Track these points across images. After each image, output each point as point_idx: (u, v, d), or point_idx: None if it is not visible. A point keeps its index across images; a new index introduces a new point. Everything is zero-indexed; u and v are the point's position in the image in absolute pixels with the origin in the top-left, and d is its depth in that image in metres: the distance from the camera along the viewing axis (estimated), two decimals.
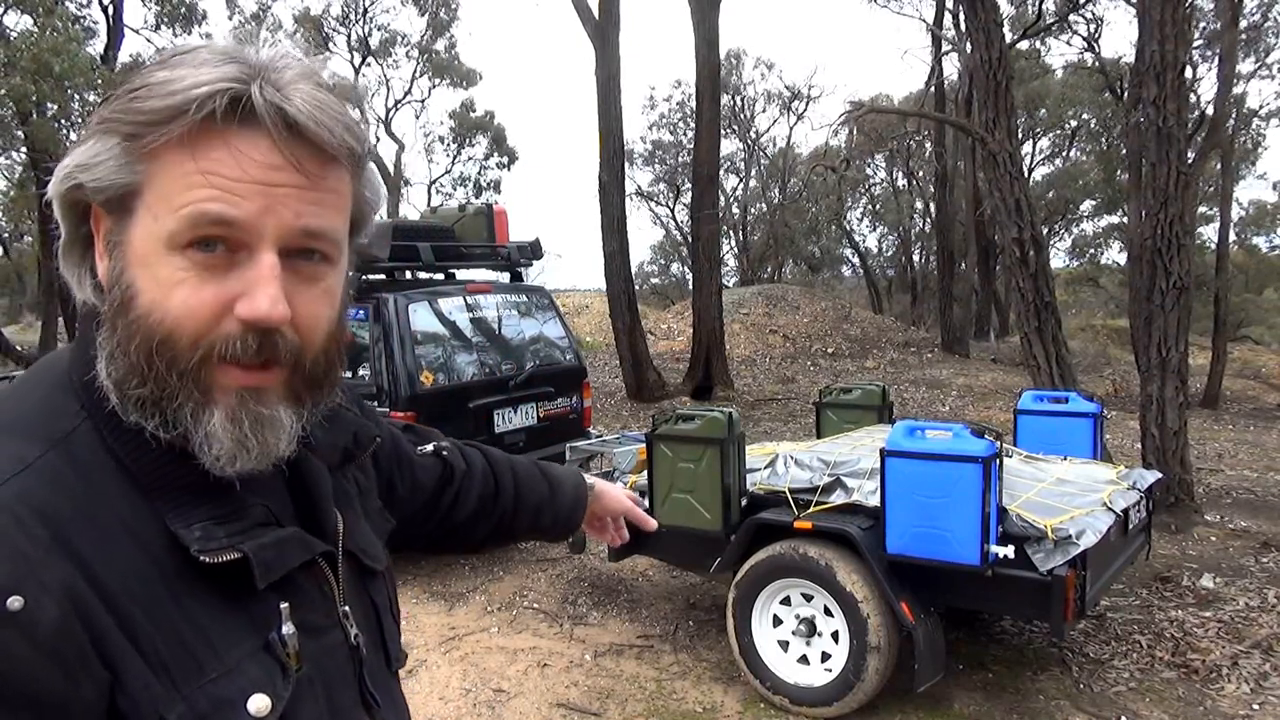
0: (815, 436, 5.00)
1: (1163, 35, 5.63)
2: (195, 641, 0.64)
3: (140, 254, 0.64)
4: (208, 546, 0.65)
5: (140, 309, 0.64)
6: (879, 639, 3.30)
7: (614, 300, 12.13)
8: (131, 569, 0.62)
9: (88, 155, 0.64)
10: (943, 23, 17.21)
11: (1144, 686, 3.69)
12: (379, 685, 0.80)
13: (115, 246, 0.65)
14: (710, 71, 12.29)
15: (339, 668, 0.75)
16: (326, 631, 0.74)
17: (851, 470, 3.65)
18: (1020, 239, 6.41)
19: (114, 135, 0.63)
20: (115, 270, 0.65)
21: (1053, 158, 25.99)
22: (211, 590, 0.66)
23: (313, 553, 0.73)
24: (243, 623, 0.67)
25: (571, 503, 1.28)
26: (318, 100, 0.65)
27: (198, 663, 0.63)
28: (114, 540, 0.62)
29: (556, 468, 1.32)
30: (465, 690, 3.84)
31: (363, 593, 0.83)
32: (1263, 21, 15.56)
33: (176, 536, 0.64)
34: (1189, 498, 5.86)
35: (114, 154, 0.63)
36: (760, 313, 18.21)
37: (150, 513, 0.65)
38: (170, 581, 0.64)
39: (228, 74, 0.63)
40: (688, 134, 25.80)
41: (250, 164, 0.63)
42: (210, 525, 0.66)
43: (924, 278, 27.20)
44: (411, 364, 5.09)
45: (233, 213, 0.63)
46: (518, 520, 1.22)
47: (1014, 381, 12.35)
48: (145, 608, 0.62)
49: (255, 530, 0.68)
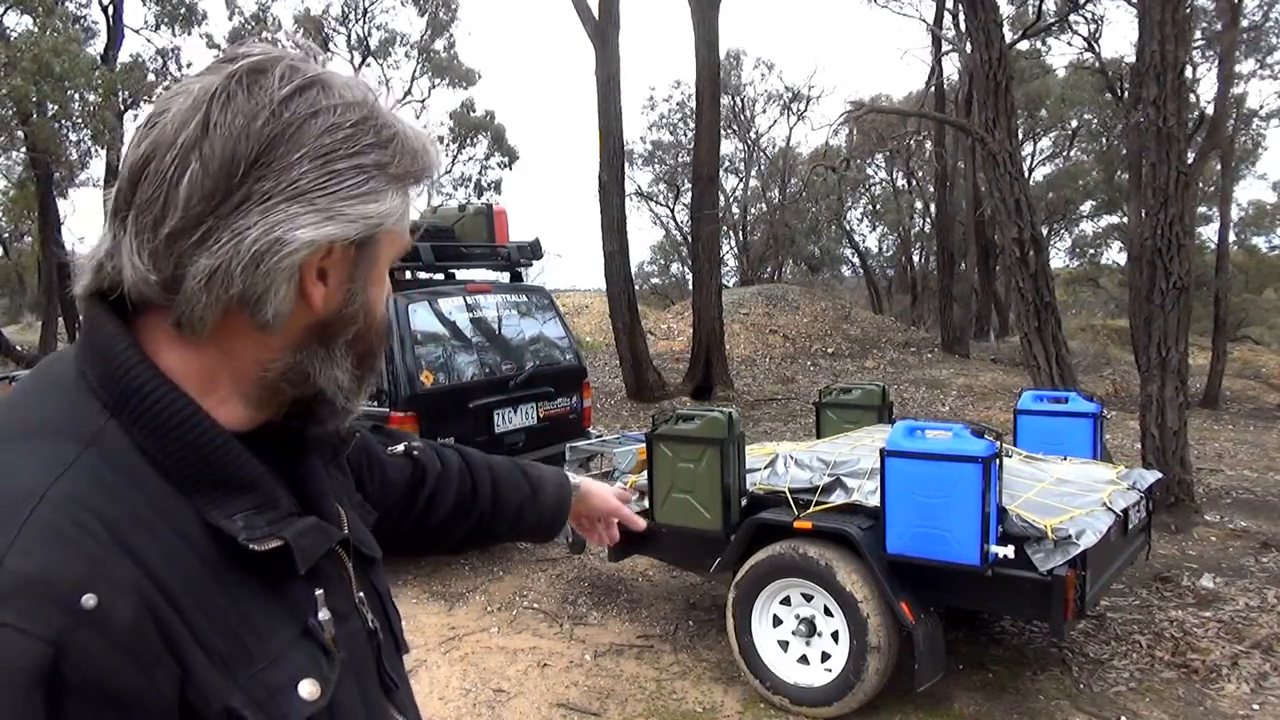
0: (815, 436, 5.00)
1: (1163, 35, 5.63)
2: (244, 631, 0.65)
3: (378, 276, 0.77)
4: (254, 535, 0.66)
5: (380, 316, 0.78)
6: (879, 639, 3.30)
7: (614, 300, 12.13)
8: (182, 563, 0.63)
9: (398, 206, 0.73)
10: (943, 23, 17.21)
11: (1144, 686, 3.69)
12: (395, 668, 0.84)
13: (358, 269, 0.74)
14: (710, 72, 12.29)
15: (362, 651, 0.77)
16: (349, 617, 0.77)
17: (851, 470, 3.65)
18: (1020, 239, 6.41)
19: (403, 184, 0.73)
20: (354, 294, 0.74)
21: (1053, 158, 26.01)
22: (251, 580, 0.67)
23: (334, 540, 0.75)
24: (282, 610, 0.69)
25: (555, 504, 1.27)
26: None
27: (248, 652, 0.65)
28: (163, 536, 0.63)
29: (539, 467, 1.31)
30: (465, 690, 3.84)
31: (367, 581, 0.85)
32: (1263, 21, 15.56)
33: (215, 529, 0.66)
34: (1189, 498, 5.86)
35: (401, 200, 0.73)
36: (760, 313, 18.21)
37: (187, 506, 0.66)
38: (216, 573, 0.65)
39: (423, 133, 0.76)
40: (688, 134, 25.80)
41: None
42: (251, 515, 0.67)
43: (924, 278, 27.20)
44: (411, 364, 5.09)
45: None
46: (498, 521, 1.22)
47: (1014, 381, 12.35)
48: (199, 601, 0.63)
49: (290, 519, 0.70)
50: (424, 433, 4.98)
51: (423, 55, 24.78)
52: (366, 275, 0.74)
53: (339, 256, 0.70)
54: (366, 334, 0.76)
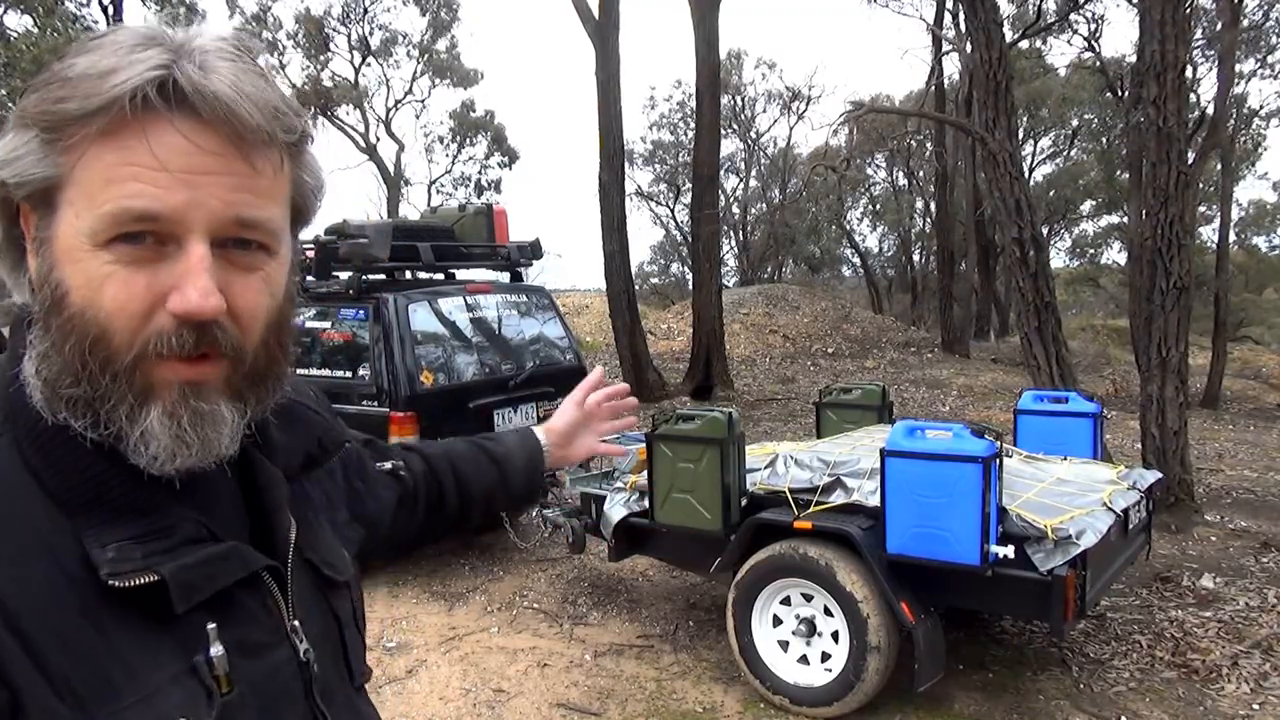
0: (815, 436, 5.00)
1: (1163, 35, 5.63)
2: (111, 665, 0.61)
3: (66, 250, 0.62)
4: (120, 569, 0.61)
5: (73, 307, 0.62)
6: (879, 639, 3.30)
7: (614, 300, 12.13)
8: (43, 589, 0.60)
9: (6, 150, 0.62)
10: (943, 22, 17.20)
11: (1144, 686, 3.69)
12: (334, 702, 0.77)
13: (42, 243, 0.63)
14: (710, 72, 12.29)
15: (284, 686, 0.71)
16: (271, 649, 0.71)
17: (851, 470, 3.64)
18: (1020, 239, 6.41)
19: (32, 129, 0.61)
20: (44, 268, 0.63)
21: (1053, 158, 26.00)
22: (131, 613, 0.62)
23: (250, 568, 0.69)
24: (166, 645, 0.64)
25: (526, 476, 1.22)
26: (243, 81, 0.62)
27: (113, 688, 0.60)
28: (26, 558, 0.60)
29: (504, 441, 1.24)
30: (465, 690, 3.84)
31: (322, 604, 0.79)
32: (1263, 21, 15.56)
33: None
34: (1189, 498, 5.86)
35: (32, 148, 0.61)
36: (760, 313, 18.22)
37: (70, 531, 0.62)
38: (87, 602, 0.61)
39: (151, 60, 0.60)
40: (688, 134, 25.80)
41: (173, 153, 0.60)
42: (127, 545, 0.62)
43: (924, 278, 27.21)
44: (411, 364, 5.09)
45: (156, 206, 0.60)
46: (469, 513, 1.19)
47: (1014, 381, 12.35)
48: (54, 630, 0.59)
49: (181, 549, 0.65)
50: (424, 433, 4.98)
51: (424, 55, 24.80)
52: (49, 245, 0.63)
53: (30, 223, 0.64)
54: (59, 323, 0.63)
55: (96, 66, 0.60)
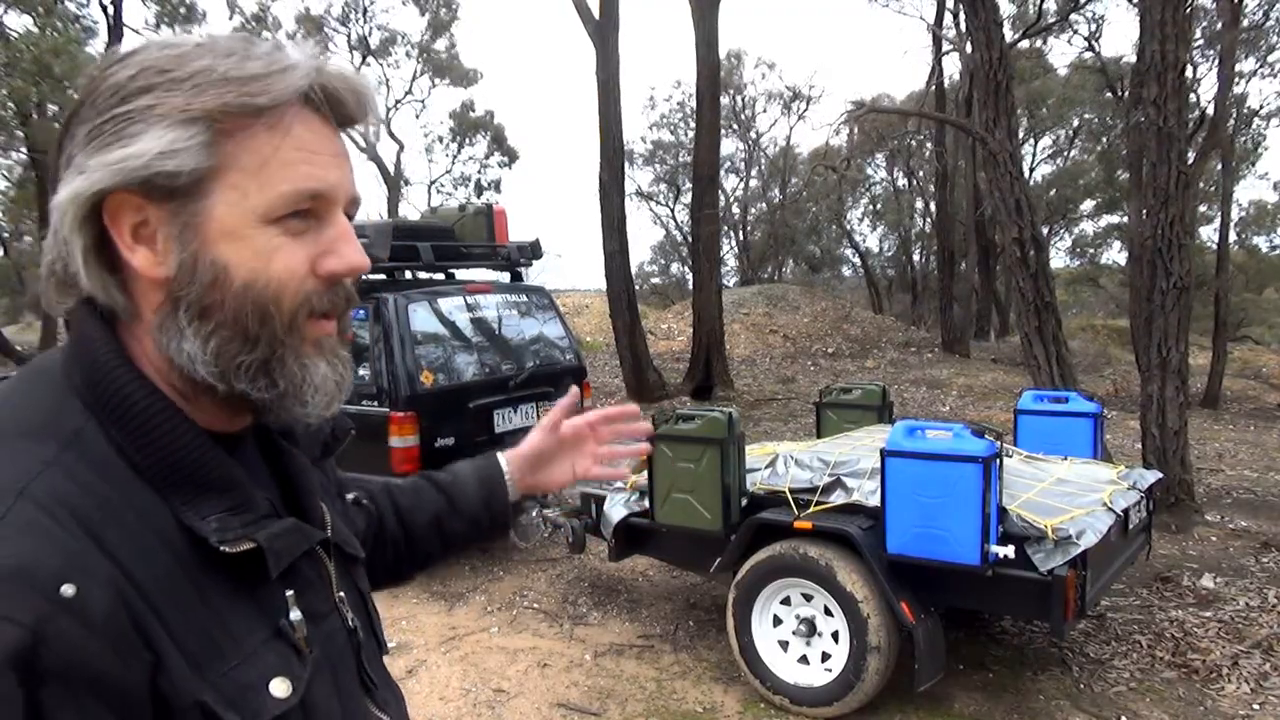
0: (815, 436, 5.00)
1: (1163, 35, 5.63)
2: (216, 629, 0.66)
3: (228, 229, 0.67)
4: (226, 537, 0.67)
5: (242, 279, 0.68)
6: (879, 639, 3.30)
7: (614, 300, 12.13)
8: (156, 561, 0.64)
9: (166, 144, 0.65)
10: (943, 22, 17.21)
11: (1144, 686, 3.69)
12: (375, 668, 0.84)
13: (185, 228, 0.67)
14: (710, 72, 12.28)
15: (340, 651, 0.78)
16: (327, 617, 0.77)
17: (851, 470, 3.64)
18: (1020, 239, 6.41)
19: (200, 122, 0.66)
20: (190, 252, 0.67)
21: (1053, 157, 25.99)
22: (226, 580, 0.68)
23: (312, 542, 0.76)
24: (254, 610, 0.70)
25: (481, 502, 1.15)
26: (352, 79, 0.73)
27: (220, 650, 0.66)
28: (137, 534, 0.64)
29: (455, 469, 1.18)
30: (465, 690, 3.84)
31: (349, 581, 0.85)
32: (1263, 21, 15.55)
33: (190, 529, 0.67)
34: (1189, 498, 5.86)
35: (198, 140, 0.66)
36: (760, 313, 18.22)
37: (163, 507, 0.67)
38: (190, 573, 0.66)
39: (310, 64, 0.69)
40: (688, 134, 25.80)
41: (325, 140, 0.71)
42: (226, 516, 0.68)
43: (924, 278, 27.21)
44: (411, 364, 5.09)
45: (323, 186, 0.70)
46: (417, 544, 1.13)
47: (1014, 381, 12.35)
48: (171, 598, 0.64)
49: (264, 521, 0.71)
50: (424, 433, 4.99)
51: (423, 55, 24.80)
52: (200, 229, 0.67)
53: (151, 214, 0.67)
54: (224, 298, 0.67)
55: (273, 66, 0.68)
